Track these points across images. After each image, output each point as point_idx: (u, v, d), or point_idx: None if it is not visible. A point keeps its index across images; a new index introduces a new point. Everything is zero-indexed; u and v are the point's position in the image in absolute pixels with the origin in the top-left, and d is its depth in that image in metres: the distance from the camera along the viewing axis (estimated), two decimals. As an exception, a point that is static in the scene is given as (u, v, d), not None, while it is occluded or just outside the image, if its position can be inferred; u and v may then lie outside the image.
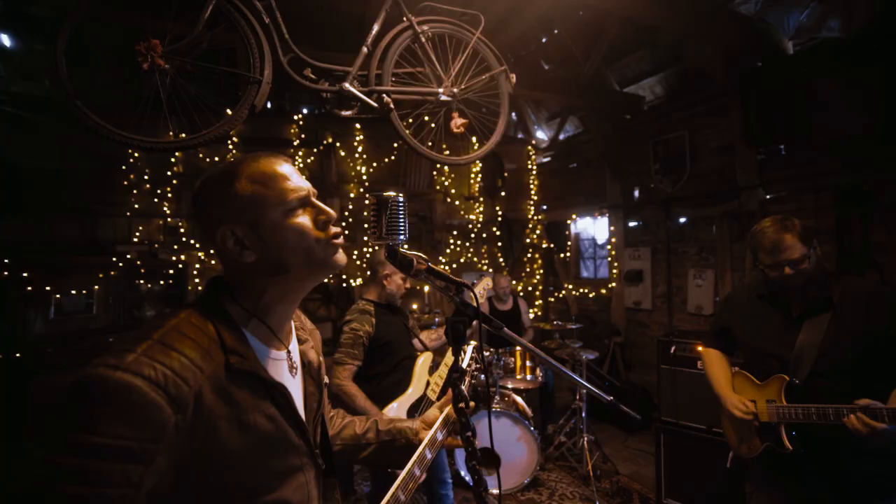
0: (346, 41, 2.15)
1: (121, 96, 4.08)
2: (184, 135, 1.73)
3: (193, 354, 0.63)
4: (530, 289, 6.45)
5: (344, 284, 5.07)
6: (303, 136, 4.99)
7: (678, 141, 4.55)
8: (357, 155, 5.27)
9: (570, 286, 6.05)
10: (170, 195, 4.32)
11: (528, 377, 3.22)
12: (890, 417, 1.25)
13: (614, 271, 5.31)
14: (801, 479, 1.53)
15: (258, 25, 1.85)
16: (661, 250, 4.81)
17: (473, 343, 1.19)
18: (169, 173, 4.34)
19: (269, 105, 5.09)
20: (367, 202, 0.83)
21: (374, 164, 5.34)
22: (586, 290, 5.81)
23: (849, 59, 3.22)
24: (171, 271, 3.96)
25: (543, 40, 5.62)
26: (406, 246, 0.89)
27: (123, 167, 4.14)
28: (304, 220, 0.75)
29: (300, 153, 4.98)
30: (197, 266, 4.37)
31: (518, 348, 3.30)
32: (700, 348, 2.00)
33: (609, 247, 5.42)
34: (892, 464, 1.40)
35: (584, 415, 3.21)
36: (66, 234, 3.90)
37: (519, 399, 3.24)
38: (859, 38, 3.16)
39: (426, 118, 2.33)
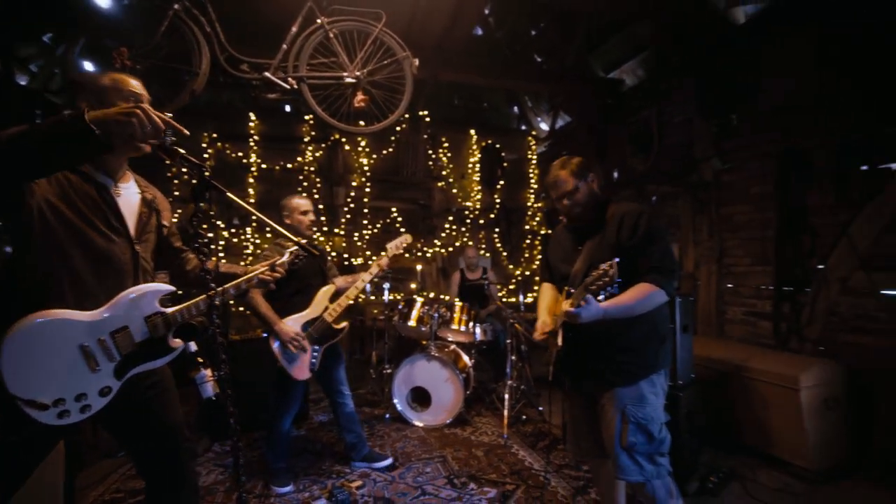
0: (276, 42, 2.77)
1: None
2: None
3: None
4: (528, 273, 6.68)
5: (346, 263, 5.73)
6: (313, 133, 5.78)
7: (647, 119, 4.63)
8: (360, 148, 5.96)
9: (564, 270, 6.18)
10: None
11: (462, 329, 3.58)
12: (582, 298, 1.52)
13: (598, 252, 5.41)
14: (576, 374, 1.82)
15: (200, 33, 2.53)
16: (637, 229, 4.87)
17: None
18: (202, 165, 5.33)
19: (287, 108, 5.98)
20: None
21: (375, 156, 5.99)
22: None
23: (787, 24, 3.23)
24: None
25: (533, 33, 5.94)
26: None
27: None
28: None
29: (310, 148, 5.77)
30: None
31: (458, 302, 3.68)
32: None
33: (594, 229, 5.52)
34: (632, 355, 1.68)
35: (508, 368, 3.50)
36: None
37: (465, 356, 3.60)
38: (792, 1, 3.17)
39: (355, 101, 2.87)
